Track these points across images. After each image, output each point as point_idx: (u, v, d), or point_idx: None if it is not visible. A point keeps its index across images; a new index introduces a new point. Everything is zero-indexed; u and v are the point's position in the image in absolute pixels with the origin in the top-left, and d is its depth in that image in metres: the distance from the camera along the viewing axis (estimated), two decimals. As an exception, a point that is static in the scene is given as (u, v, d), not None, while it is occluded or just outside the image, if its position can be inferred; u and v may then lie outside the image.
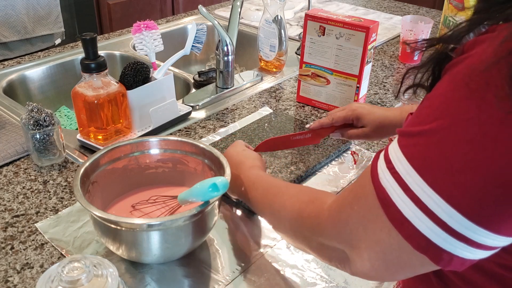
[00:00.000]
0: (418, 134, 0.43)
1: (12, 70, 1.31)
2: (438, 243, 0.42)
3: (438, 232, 0.41)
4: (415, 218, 0.42)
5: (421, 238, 0.42)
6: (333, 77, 1.12)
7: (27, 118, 0.90)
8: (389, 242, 0.45)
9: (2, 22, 1.96)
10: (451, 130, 0.41)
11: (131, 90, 0.97)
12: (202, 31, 1.06)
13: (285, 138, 0.82)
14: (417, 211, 0.42)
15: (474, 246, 0.41)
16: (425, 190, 0.41)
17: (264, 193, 0.68)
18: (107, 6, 2.46)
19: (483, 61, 0.40)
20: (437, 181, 0.41)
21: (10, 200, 0.84)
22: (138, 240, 0.67)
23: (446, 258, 0.42)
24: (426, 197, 0.41)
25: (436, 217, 0.41)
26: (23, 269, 0.71)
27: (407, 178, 0.42)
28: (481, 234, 0.41)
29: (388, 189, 0.44)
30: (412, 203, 0.42)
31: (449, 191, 0.40)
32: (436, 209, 0.41)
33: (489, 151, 0.39)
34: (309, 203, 0.59)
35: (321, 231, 0.55)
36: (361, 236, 0.48)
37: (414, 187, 0.42)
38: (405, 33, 1.41)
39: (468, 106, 0.40)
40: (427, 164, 0.41)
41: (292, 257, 0.75)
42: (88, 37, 0.89)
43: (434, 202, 0.41)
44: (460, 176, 0.40)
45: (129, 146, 0.80)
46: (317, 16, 1.09)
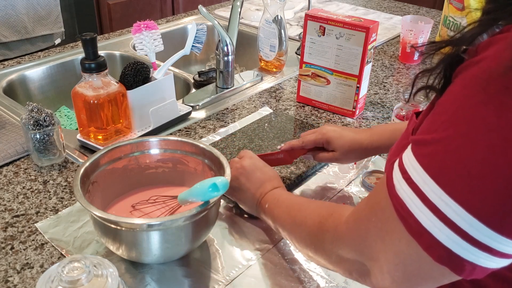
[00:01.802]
0: (433, 142, 0.42)
1: (12, 70, 1.31)
2: (460, 253, 0.41)
3: (459, 242, 0.40)
4: (435, 228, 0.41)
5: (441, 249, 0.41)
6: (333, 77, 1.12)
7: (27, 118, 0.90)
8: (408, 253, 0.44)
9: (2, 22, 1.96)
10: (469, 136, 0.39)
11: (131, 90, 0.97)
12: (202, 31, 1.06)
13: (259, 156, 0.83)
14: (436, 221, 0.41)
15: (497, 255, 0.40)
16: (443, 199, 0.40)
17: (287, 210, 0.69)
18: (107, 6, 2.46)
19: (500, 64, 0.39)
20: (456, 189, 0.40)
21: (10, 200, 0.84)
22: (138, 240, 0.67)
23: (468, 268, 0.41)
24: (445, 206, 0.40)
25: (456, 227, 0.40)
26: (23, 269, 0.71)
27: (425, 188, 0.41)
28: (502, 243, 0.40)
29: (406, 199, 0.43)
30: (431, 213, 0.41)
31: (468, 199, 0.39)
32: (455, 218, 0.40)
33: (510, 157, 0.38)
34: (328, 217, 0.58)
35: (340, 244, 0.54)
36: (379, 249, 0.47)
37: (432, 196, 0.41)
38: (405, 33, 1.41)
39: (486, 112, 0.39)
40: (445, 172, 0.40)
41: (292, 257, 0.75)
42: (88, 37, 0.89)
43: (453, 211, 0.40)
44: (479, 183, 0.39)
45: (129, 146, 0.80)
46: (317, 16, 1.09)
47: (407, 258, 0.45)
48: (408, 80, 1.33)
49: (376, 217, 0.48)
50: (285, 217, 0.68)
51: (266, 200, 0.74)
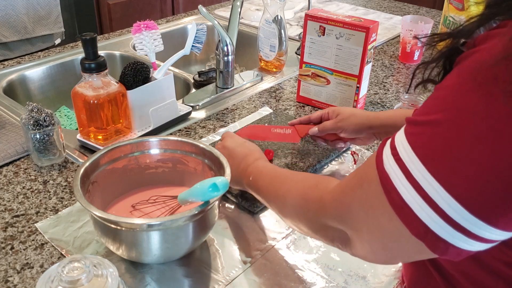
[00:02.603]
0: (423, 124, 0.44)
1: (12, 70, 1.31)
2: (436, 231, 0.42)
3: (437, 220, 0.42)
4: (416, 205, 0.43)
5: (419, 225, 0.43)
6: (333, 77, 1.12)
7: (27, 118, 0.90)
8: (389, 226, 0.46)
9: (2, 22, 1.96)
10: (456, 122, 0.41)
11: (131, 90, 0.97)
12: (202, 31, 1.06)
13: (266, 129, 0.83)
14: (418, 198, 0.42)
15: (472, 238, 0.42)
16: (427, 178, 0.42)
17: (271, 181, 0.70)
18: (107, 6, 2.46)
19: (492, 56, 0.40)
20: (440, 171, 0.41)
21: (10, 200, 0.84)
22: (138, 240, 0.67)
23: (442, 246, 0.43)
24: (428, 185, 0.42)
25: (436, 206, 0.41)
26: (23, 269, 0.71)
27: (410, 165, 0.43)
28: (479, 227, 0.41)
29: (391, 174, 0.44)
30: (414, 189, 0.42)
31: (451, 182, 0.41)
32: (436, 198, 0.41)
33: (494, 146, 0.39)
34: (313, 188, 0.60)
35: (324, 214, 0.56)
36: (362, 220, 0.49)
37: (416, 174, 0.42)
38: (405, 33, 1.41)
39: (475, 100, 0.40)
40: (431, 153, 0.42)
41: (292, 257, 0.75)
42: (88, 37, 0.89)
43: (435, 191, 0.41)
44: (463, 168, 0.40)
45: (129, 146, 0.80)
46: (317, 16, 1.09)
47: (387, 231, 0.46)
48: (408, 80, 1.33)
49: (362, 189, 0.49)
50: (269, 188, 0.70)
51: (250, 172, 0.75)
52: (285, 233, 0.79)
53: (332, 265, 0.73)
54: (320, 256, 0.75)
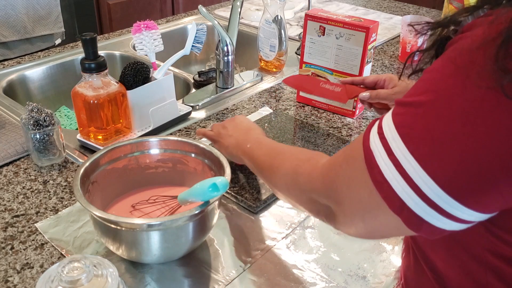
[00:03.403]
0: (408, 104, 0.46)
1: (12, 70, 1.31)
2: (411, 206, 0.44)
3: (413, 196, 0.44)
4: (394, 181, 0.45)
5: (397, 200, 0.45)
6: (333, 77, 1.12)
7: (27, 118, 0.90)
8: (369, 201, 0.48)
9: (2, 22, 1.96)
10: (435, 104, 0.43)
11: (131, 90, 0.97)
12: (202, 31, 1.06)
13: (315, 81, 0.82)
14: (397, 175, 0.44)
15: (444, 216, 0.44)
16: (406, 156, 0.44)
17: (268, 152, 0.72)
18: (107, 6, 2.46)
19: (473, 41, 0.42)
20: (418, 149, 0.43)
21: (10, 200, 0.84)
22: (138, 240, 0.67)
23: (416, 222, 0.45)
24: (407, 163, 0.44)
25: (413, 183, 0.43)
26: (23, 269, 0.71)
27: (392, 143, 0.45)
28: (452, 205, 0.43)
29: (375, 151, 0.47)
30: (394, 166, 0.45)
31: (428, 161, 0.43)
32: (413, 175, 0.43)
33: (468, 128, 0.41)
34: (305, 161, 0.62)
35: (312, 187, 0.58)
36: (345, 194, 0.51)
37: (397, 152, 0.44)
38: (405, 33, 1.41)
39: (453, 83, 0.42)
40: (411, 133, 0.44)
41: (292, 257, 0.75)
42: (88, 37, 0.89)
43: (413, 169, 0.43)
44: (440, 147, 0.42)
45: (129, 146, 0.80)
46: (317, 16, 1.09)
47: (367, 205, 0.48)
48: (408, 80, 1.33)
49: (347, 164, 0.51)
50: (264, 159, 0.72)
51: (248, 141, 0.77)
52: (285, 233, 0.79)
53: (332, 265, 0.73)
54: (320, 256, 0.75)
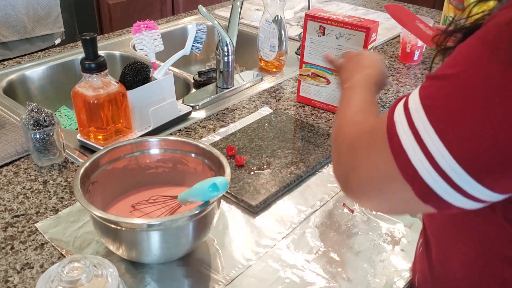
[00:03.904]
0: (435, 77, 0.47)
1: (12, 70, 1.31)
2: (424, 176, 0.45)
3: (427, 166, 0.45)
4: (411, 150, 0.46)
5: (410, 168, 0.46)
6: (333, 77, 1.12)
7: (27, 118, 0.90)
8: (385, 170, 0.49)
9: (2, 22, 1.96)
10: (459, 77, 0.44)
11: (131, 90, 0.97)
12: (202, 31, 1.06)
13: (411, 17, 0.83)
14: (415, 144, 0.45)
15: (455, 189, 0.44)
16: (426, 127, 0.45)
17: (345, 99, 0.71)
18: (107, 6, 2.46)
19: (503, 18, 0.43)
20: (438, 120, 0.44)
21: (10, 200, 0.84)
22: (138, 240, 0.67)
23: (426, 192, 0.46)
24: (425, 133, 0.45)
25: (429, 153, 0.44)
26: (23, 269, 0.71)
27: (414, 114, 0.46)
28: (464, 180, 0.43)
29: (397, 122, 0.48)
30: (412, 136, 0.46)
31: (446, 132, 0.44)
32: (430, 145, 0.44)
33: (488, 103, 0.42)
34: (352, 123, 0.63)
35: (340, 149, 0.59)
36: (363, 161, 0.52)
37: (417, 122, 0.46)
38: (405, 33, 1.41)
39: (479, 57, 0.43)
40: (433, 104, 0.45)
41: (292, 257, 0.75)
42: (88, 37, 0.89)
43: (430, 139, 0.44)
44: (459, 120, 0.43)
45: (129, 146, 0.80)
46: (317, 16, 1.09)
47: (382, 174, 0.50)
48: (408, 80, 1.33)
49: (371, 134, 0.53)
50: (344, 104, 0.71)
51: (350, 80, 0.76)
52: (285, 233, 0.79)
53: (332, 265, 0.73)
54: (320, 256, 0.75)
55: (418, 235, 0.79)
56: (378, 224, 0.82)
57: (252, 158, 0.95)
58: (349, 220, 0.83)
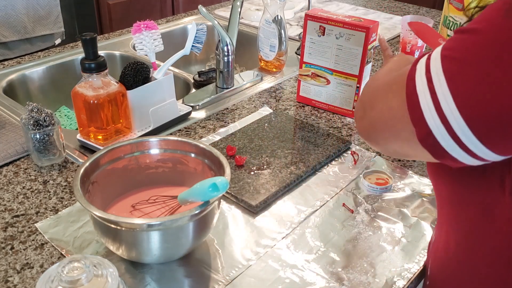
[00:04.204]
0: (460, 31, 0.48)
1: (12, 70, 1.31)
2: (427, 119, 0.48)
3: (432, 111, 0.47)
4: (422, 95, 0.48)
5: (418, 111, 0.48)
6: (333, 77, 1.12)
7: (27, 118, 0.90)
8: (396, 109, 0.52)
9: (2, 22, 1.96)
10: (480, 31, 0.45)
11: (131, 90, 0.97)
12: (202, 31, 1.06)
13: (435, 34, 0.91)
14: (426, 90, 0.48)
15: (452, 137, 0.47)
16: (439, 75, 0.47)
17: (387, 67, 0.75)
18: (107, 6, 2.46)
19: None
20: (450, 70, 0.46)
21: (10, 200, 0.84)
22: (138, 240, 0.67)
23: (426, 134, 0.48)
24: (437, 80, 0.47)
25: (436, 99, 0.47)
26: (23, 269, 0.71)
27: (432, 62, 0.48)
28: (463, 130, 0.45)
29: (418, 68, 0.50)
30: (426, 82, 0.48)
31: (455, 82, 0.45)
32: (439, 92, 0.46)
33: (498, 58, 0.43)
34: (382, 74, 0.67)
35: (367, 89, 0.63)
36: (381, 100, 0.56)
37: (433, 70, 0.48)
38: (405, 33, 1.41)
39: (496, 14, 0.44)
40: (451, 55, 0.47)
41: (292, 257, 0.75)
42: (88, 37, 0.90)
43: (440, 87, 0.46)
44: (468, 72, 0.45)
45: (129, 146, 0.80)
46: (317, 16, 1.09)
47: (393, 113, 0.53)
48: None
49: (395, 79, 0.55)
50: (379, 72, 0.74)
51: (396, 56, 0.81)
52: (285, 233, 0.79)
53: (332, 265, 0.73)
54: (320, 256, 0.75)
55: (418, 234, 0.80)
56: (378, 224, 0.82)
57: (252, 158, 0.95)
58: (349, 220, 0.83)
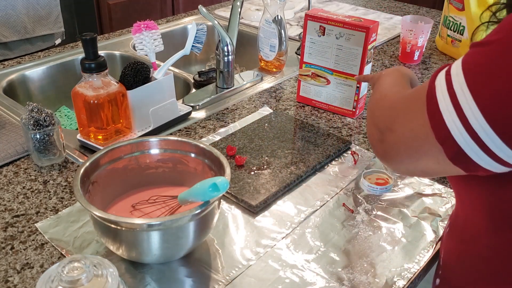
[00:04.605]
0: (479, 45, 0.48)
1: (12, 70, 1.31)
2: (456, 137, 0.47)
3: (459, 127, 0.47)
4: (447, 112, 0.48)
5: (443, 129, 0.48)
6: (333, 77, 1.12)
7: (27, 118, 0.90)
8: (419, 131, 0.52)
9: (2, 22, 1.96)
10: (501, 42, 0.46)
11: (131, 90, 0.97)
12: (202, 31, 1.06)
13: None
14: (451, 107, 0.48)
15: (484, 150, 0.47)
16: (463, 89, 0.47)
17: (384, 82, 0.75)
18: (107, 6, 2.46)
19: None
20: (475, 83, 0.46)
21: (10, 200, 0.84)
22: (138, 240, 0.67)
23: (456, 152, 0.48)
24: (462, 96, 0.47)
25: (462, 114, 0.46)
26: (23, 269, 0.71)
27: (454, 78, 0.48)
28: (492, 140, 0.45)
29: (437, 86, 0.50)
30: (449, 99, 0.48)
31: (481, 95, 0.45)
32: (465, 107, 0.46)
33: None
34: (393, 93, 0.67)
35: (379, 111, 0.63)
36: (401, 122, 0.55)
37: (456, 86, 0.47)
38: (405, 33, 1.41)
39: None
40: (473, 67, 0.47)
41: (292, 257, 0.75)
42: (88, 37, 0.90)
43: (466, 101, 0.46)
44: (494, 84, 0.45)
45: (129, 146, 0.80)
46: (317, 16, 1.09)
47: (416, 134, 0.52)
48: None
49: (412, 97, 0.55)
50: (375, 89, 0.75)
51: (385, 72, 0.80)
52: (285, 233, 0.79)
53: (332, 265, 0.73)
54: (320, 256, 0.75)
55: (418, 234, 0.80)
56: (378, 224, 0.82)
57: (252, 158, 0.95)
58: (349, 220, 0.83)
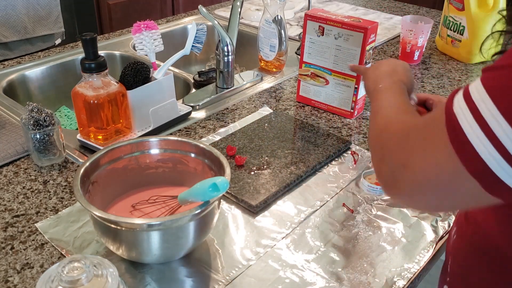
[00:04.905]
0: (498, 68, 0.45)
1: (12, 70, 1.31)
2: (494, 169, 0.43)
3: (497, 158, 0.42)
4: (478, 142, 0.43)
5: (479, 163, 0.43)
6: (332, 77, 1.12)
7: (27, 118, 0.90)
8: (446, 165, 0.46)
9: (2, 22, 1.96)
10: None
11: (131, 90, 0.97)
12: (202, 31, 1.06)
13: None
14: (482, 135, 0.43)
15: None
16: (495, 115, 0.42)
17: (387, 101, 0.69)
18: (107, 6, 2.46)
19: None
20: (508, 107, 0.42)
21: (10, 200, 0.84)
22: (138, 240, 0.67)
23: (495, 183, 0.43)
24: (495, 122, 0.42)
25: (499, 143, 0.42)
26: (23, 269, 0.71)
27: (480, 104, 0.44)
28: None
29: (458, 113, 0.45)
30: (479, 127, 0.43)
31: None
32: (501, 135, 0.42)
33: None
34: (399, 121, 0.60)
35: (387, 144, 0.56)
36: (418, 157, 0.49)
37: (485, 112, 0.43)
38: (405, 33, 1.41)
39: None
40: (504, 92, 0.43)
41: (292, 257, 0.75)
42: (88, 37, 0.90)
43: (501, 128, 0.42)
44: None
45: (129, 146, 0.80)
46: (317, 16, 1.09)
47: (442, 169, 0.47)
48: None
49: (426, 127, 0.50)
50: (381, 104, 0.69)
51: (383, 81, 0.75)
52: (285, 233, 0.79)
53: (332, 265, 0.73)
54: (320, 256, 0.75)
55: (418, 234, 0.80)
56: (378, 224, 0.82)
57: (252, 158, 0.95)
58: (349, 220, 0.83)
